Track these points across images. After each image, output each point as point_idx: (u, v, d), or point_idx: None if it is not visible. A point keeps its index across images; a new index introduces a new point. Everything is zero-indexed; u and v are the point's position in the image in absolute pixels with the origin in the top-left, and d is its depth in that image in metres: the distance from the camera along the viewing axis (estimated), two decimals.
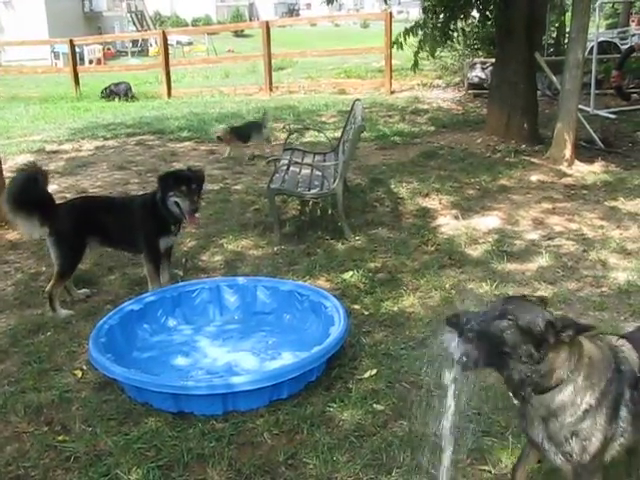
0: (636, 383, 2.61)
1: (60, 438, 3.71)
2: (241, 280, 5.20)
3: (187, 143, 11.64)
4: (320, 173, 7.02)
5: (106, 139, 12.30)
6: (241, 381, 3.77)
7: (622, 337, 2.82)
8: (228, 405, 3.81)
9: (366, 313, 5.05)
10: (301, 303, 4.89)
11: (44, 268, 6.12)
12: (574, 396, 2.53)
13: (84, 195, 7.76)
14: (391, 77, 16.79)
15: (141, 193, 6.77)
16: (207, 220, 7.31)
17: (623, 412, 2.60)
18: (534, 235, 6.67)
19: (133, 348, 4.58)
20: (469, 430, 3.53)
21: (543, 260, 5.98)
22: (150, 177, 9.14)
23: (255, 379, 3.79)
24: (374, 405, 3.88)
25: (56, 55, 29.73)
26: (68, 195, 8.51)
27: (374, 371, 4.22)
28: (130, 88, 17.91)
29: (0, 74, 26.74)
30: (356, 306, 5.16)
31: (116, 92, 17.60)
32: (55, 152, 11.35)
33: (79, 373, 4.39)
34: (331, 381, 4.14)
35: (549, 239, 6.56)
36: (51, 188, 8.82)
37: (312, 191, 6.76)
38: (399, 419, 3.77)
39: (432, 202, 7.76)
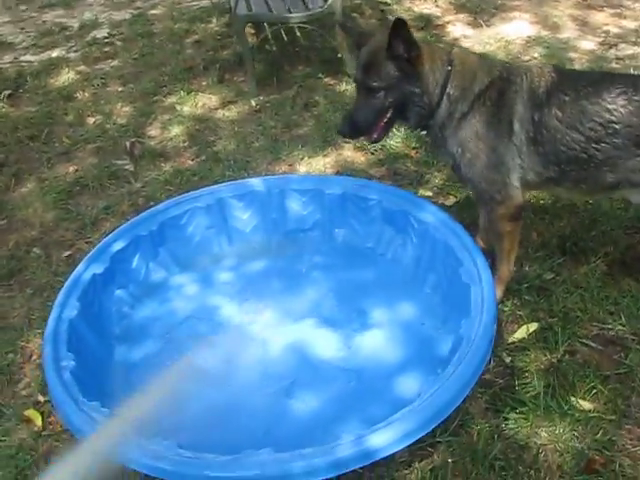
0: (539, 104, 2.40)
1: None
2: (256, 184, 3.12)
3: None
4: None
5: None
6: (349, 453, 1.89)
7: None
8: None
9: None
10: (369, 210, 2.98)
11: None
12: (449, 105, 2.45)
13: None
14: None
15: None
16: (134, 68, 5.13)
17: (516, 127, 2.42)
18: (590, 44, 4.90)
19: (110, 340, 2.64)
20: None
21: None
22: None
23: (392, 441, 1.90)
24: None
25: None
26: None
27: (534, 326, 2.59)
28: None
29: None
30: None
31: None
32: None
33: (38, 419, 2.45)
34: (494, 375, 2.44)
35: (610, 47, 4.84)
36: None
37: (297, 14, 4.54)
38: None
39: (427, 5, 5.77)
